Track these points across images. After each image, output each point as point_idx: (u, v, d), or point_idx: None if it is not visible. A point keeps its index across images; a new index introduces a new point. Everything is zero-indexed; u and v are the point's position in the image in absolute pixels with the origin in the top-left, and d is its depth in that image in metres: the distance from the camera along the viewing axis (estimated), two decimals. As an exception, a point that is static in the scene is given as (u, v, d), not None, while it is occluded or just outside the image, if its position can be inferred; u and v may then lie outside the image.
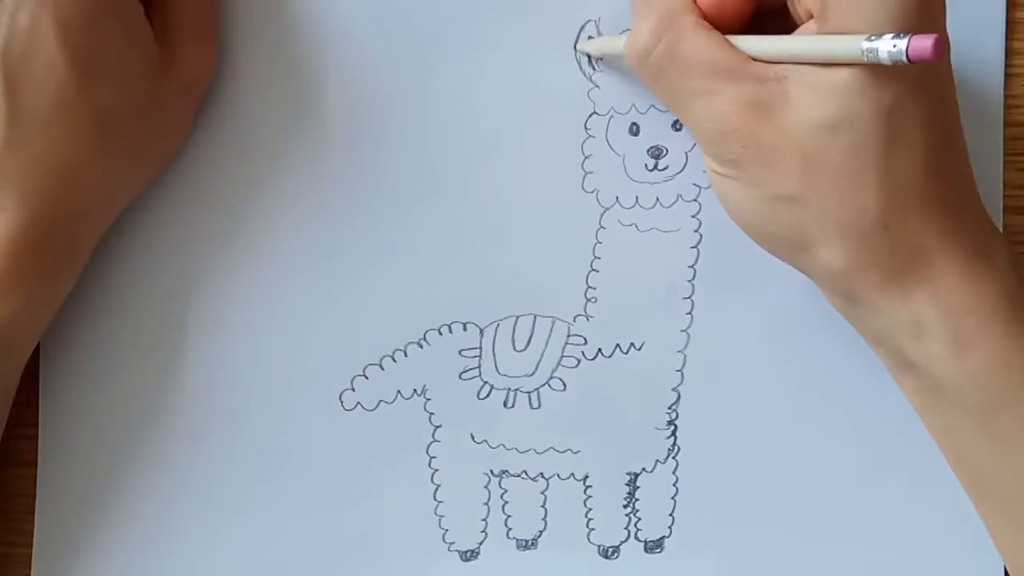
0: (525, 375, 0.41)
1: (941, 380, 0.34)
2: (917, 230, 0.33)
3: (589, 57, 0.40)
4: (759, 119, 0.33)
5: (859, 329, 0.37)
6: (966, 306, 0.34)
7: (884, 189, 0.33)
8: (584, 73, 0.40)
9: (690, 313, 0.41)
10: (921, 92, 0.33)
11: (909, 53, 0.30)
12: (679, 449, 0.41)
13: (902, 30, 0.31)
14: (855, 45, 0.31)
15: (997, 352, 0.34)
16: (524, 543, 0.42)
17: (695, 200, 0.41)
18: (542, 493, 0.42)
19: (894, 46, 0.30)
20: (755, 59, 0.34)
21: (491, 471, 0.41)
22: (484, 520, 0.42)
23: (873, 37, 0.31)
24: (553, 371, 0.41)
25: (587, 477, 0.41)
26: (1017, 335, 0.34)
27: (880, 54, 0.30)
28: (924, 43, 0.30)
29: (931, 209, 0.33)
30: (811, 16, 0.34)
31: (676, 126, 0.41)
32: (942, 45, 0.30)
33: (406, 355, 0.41)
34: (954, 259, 0.34)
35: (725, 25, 0.35)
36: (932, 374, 0.35)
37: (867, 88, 0.32)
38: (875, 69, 0.32)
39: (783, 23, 0.35)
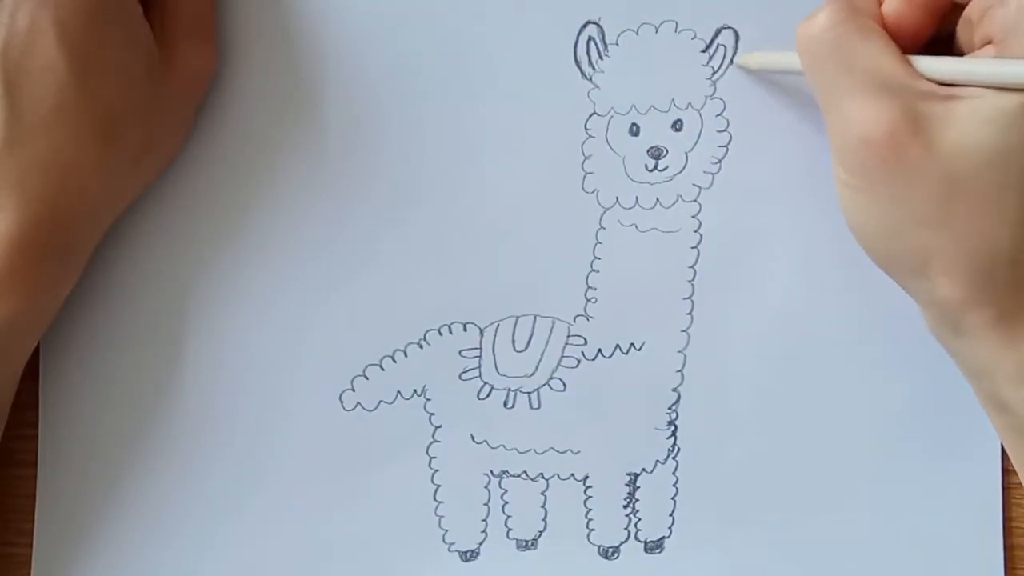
0: (525, 375, 0.41)
1: None
2: None
3: (589, 58, 0.40)
4: (911, 134, 0.32)
5: (958, 362, 0.36)
6: None
7: (1022, 228, 0.32)
8: (584, 74, 0.40)
9: (690, 313, 0.41)
10: None
11: None
12: (679, 449, 0.41)
13: None
14: None
15: None
16: (524, 543, 0.42)
17: (695, 200, 0.41)
18: (542, 493, 0.42)
19: None
20: (926, 78, 0.33)
21: (491, 471, 0.42)
22: (484, 520, 0.42)
23: None
24: (553, 371, 0.41)
25: (587, 477, 0.41)
26: None
27: None
28: None
29: None
30: (987, 42, 0.33)
31: (676, 126, 0.41)
32: None
33: (406, 355, 0.41)
34: None
35: (899, 42, 0.34)
36: None
37: None
38: None
39: (947, 54, 0.35)
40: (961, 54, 0.34)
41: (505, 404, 0.41)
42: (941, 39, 0.36)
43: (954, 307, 0.34)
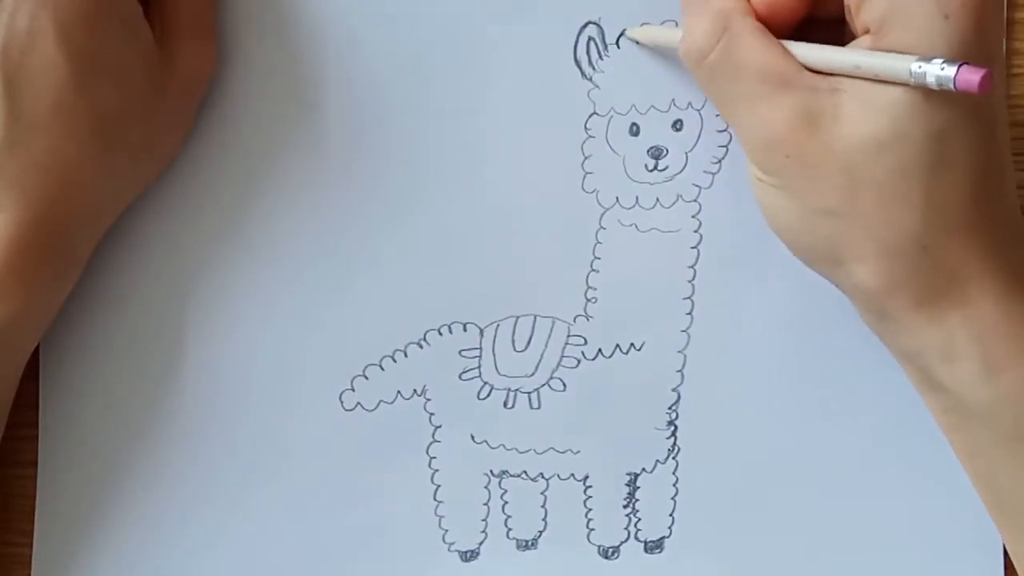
0: (525, 375, 0.41)
1: (970, 403, 0.34)
2: (955, 254, 0.33)
3: (589, 58, 0.40)
4: (807, 130, 0.33)
5: (889, 346, 0.37)
6: (999, 331, 0.34)
7: (927, 211, 0.33)
8: (584, 74, 0.40)
9: (690, 313, 0.41)
10: (972, 118, 0.33)
11: (956, 82, 0.30)
12: (679, 449, 0.41)
13: (957, 57, 0.31)
14: (904, 65, 0.31)
15: None
16: (524, 543, 0.42)
17: (695, 200, 0.41)
18: (542, 493, 0.42)
19: (942, 71, 0.30)
20: (809, 68, 0.33)
21: (491, 471, 0.41)
22: (484, 520, 0.42)
23: (922, 61, 0.30)
24: (553, 371, 0.41)
25: (587, 477, 0.41)
26: None
27: (928, 78, 0.30)
28: (972, 76, 0.30)
29: (971, 234, 0.33)
30: (867, 31, 0.33)
31: (676, 126, 0.41)
32: (989, 80, 0.30)
33: (406, 355, 0.41)
34: (990, 284, 0.34)
35: (776, 29, 0.35)
36: (961, 396, 0.35)
37: (919, 109, 0.32)
38: (927, 91, 0.32)
39: (837, 34, 0.35)
40: (850, 38, 0.35)
41: (505, 404, 0.41)
42: (829, 21, 0.36)
43: (873, 294, 0.34)
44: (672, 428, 0.41)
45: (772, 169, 0.34)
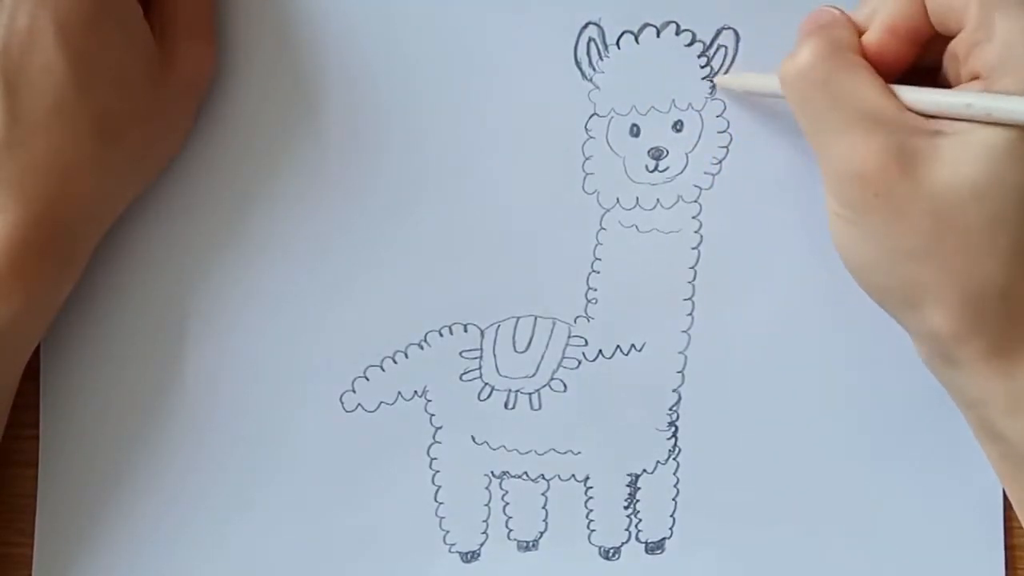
0: (526, 376, 0.41)
1: None
2: None
3: (589, 58, 0.40)
4: (900, 169, 0.33)
5: (951, 392, 0.36)
6: None
7: (1012, 260, 0.33)
8: (584, 74, 0.40)
9: (691, 314, 0.41)
10: None
11: None
12: (680, 450, 0.41)
13: None
14: (1021, 106, 0.31)
15: None
16: (525, 544, 0.42)
17: (695, 201, 0.41)
18: (543, 494, 0.42)
19: None
20: (911, 110, 0.33)
21: (492, 472, 0.42)
22: (485, 521, 0.42)
23: None
24: (554, 372, 0.41)
25: (588, 478, 0.41)
26: None
27: None
28: None
29: None
30: (975, 77, 0.33)
31: (677, 127, 0.41)
32: None
33: (407, 356, 0.41)
34: None
35: (881, 72, 0.34)
36: (1021, 448, 0.34)
37: (1020, 157, 0.32)
38: None
39: (931, 84, 0.35)
40: (947, 86, 0.34)
41: (506, 405, 0.41)
42: (925, 69, 0.36)
43: (946, 339, 0.34)
44: (673, 429, 0.41)
45: (854, 205, 0.34)
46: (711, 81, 0.40)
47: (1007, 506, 0.41)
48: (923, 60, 0.35)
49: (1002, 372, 0.34)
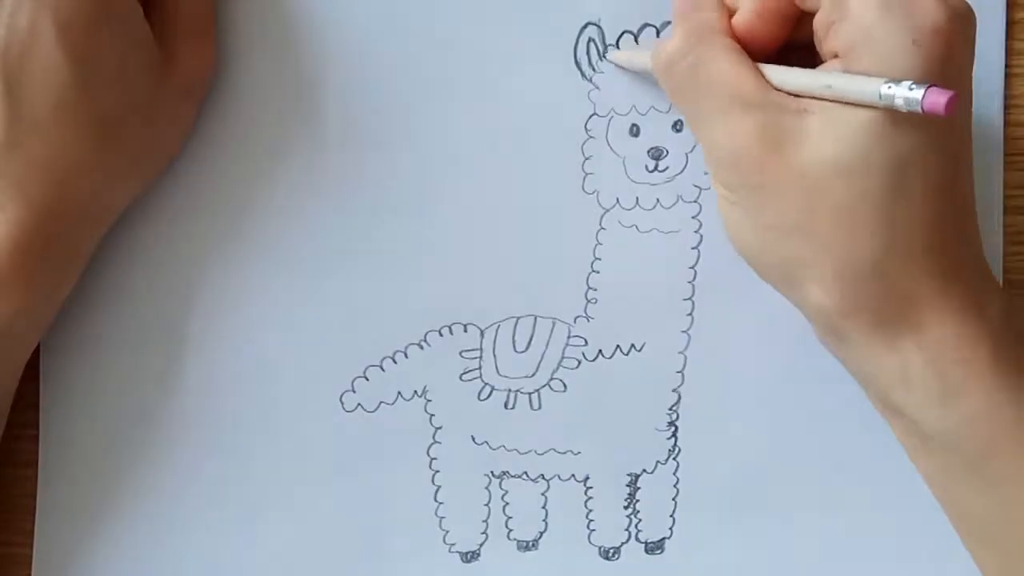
0: (526, 376, 0.41)
1: (928, 428, 0.34)
2: (912, 279, 0.33)
3: (589, 58, 0.40)
4: (772, 149, 0.33)
5: (848, 368, 0.37)
6: (953, 356, 0.33)
7: (886, 236, 0.33)
8: (584, 75, 0.40)
9: (690, 314, 0.41)
10: (937, 145, 0.33)
11: (924, 104, 0.30)
12: (680, 450, 0.41)
13: (926, 80, 0.30)
14: (874, 88, 0.31)
15: (984, 402, 0.33)
16: (525, 544, 0.42)
17: (695, 201, 0.41)
18: (543, 494, 0.42)
19: (910, 93, 0.30)
20: (778, 89, 0.34)
21: (492, 472, 0.42)
22: (485, 521, 0.42)
23: (891, 83, 0.30)
24: (554, 372, 0.41)
25: (588, 478, 0.41)
26: (1005, 385, 0.33)
27: (896, 100, 0.30)
28: (939, 98, 0.30)
29: (929, 260, 0.33)
30: (835, 56, 0.33)
31: (676, 127, 0.41)
32: (955, 103, 0.30)
33: (406, 356, 0.41)
34: (945, 310, 0.34)
35: (752, 52, 0.35)
36: (919, 421, 0.35)
37: (884, 135, 0.32)
38: (894, 116, 0.32)
39: (808, 59, 0.35)
40: (819, 63, 0.35)
41: (506, 405, 0.41)
42: (801, 46, 0.36)
43: (830, 315, 0.34)
44: (672, 429, 0.41)
45: (734, 186, 0.34)
46: None
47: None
48: (797, 37, 0.36)
49: (888, 345, 0.34)
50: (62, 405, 0.41)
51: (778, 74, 0.34)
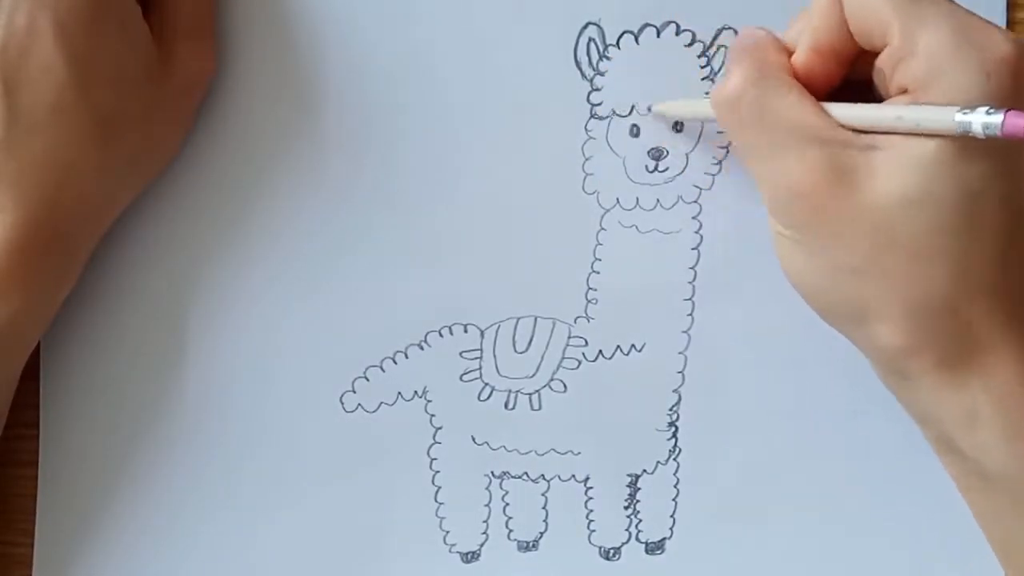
0: (526, 377, 0.41)
1: (990, 469, 0.34)
2: (981, 317, 0.33)
3: (590, 58, 0.40)
4: (836, 186, 0.32)
5: (909, 410, 0.36)
6: (1020, 398, 0.33)
7: (955, 273, 0.32)
8: (584, 75, 0.40)
9: (691, 314, 0.41)
10: (1005, 177, 0.32)
11: (1004, 127, 0.29)
12: (680, 450, 0.41)
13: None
14: (948, 116, 0.30)
15: None
16: (525, 544, 0.42)
17: (695, 202, 0.41)
18: (543, 495, 0.42)
19: (989, 118, 0.30)
20: (843, 126, 0.33)
21: (492, 473, 0.42)
22: (485, 522, 0.42)
23: (967, 109, 0.30)
24: (554, 373, 0.41)
25: (588, 478, 0.41)
26: None
27: (973, 126, 0.30)
28: (1020, 120, 0.29)
29: (997, 297, 0.33)
30: (903, 91, 0.33)
31: (676, 127, 0.40)
32: None
33: (407, 357, 0.41)
34: (1013, 349, 0.33)
35: (812, 90, 0.34)
36: (980, 462, 0.34)
37: (954, 167, 0.31)
38: (962, 146, 0.31)
39: (862, 98, 0.34)
40: (879, 100, 0.34)
41: (506, 405, 0.41)
42: (857, 84, 0.35)
43: (895, 354, 0.34)
44: (673, 429, 0.41)
45: (795, 224, 0.34)
46: (712, 80, 0.40)
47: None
48: (854, 76, 0.35)
49: (954, 385, 0.33)
50: (62, 405, 0.41)
51: (842, 110, 0.33)
